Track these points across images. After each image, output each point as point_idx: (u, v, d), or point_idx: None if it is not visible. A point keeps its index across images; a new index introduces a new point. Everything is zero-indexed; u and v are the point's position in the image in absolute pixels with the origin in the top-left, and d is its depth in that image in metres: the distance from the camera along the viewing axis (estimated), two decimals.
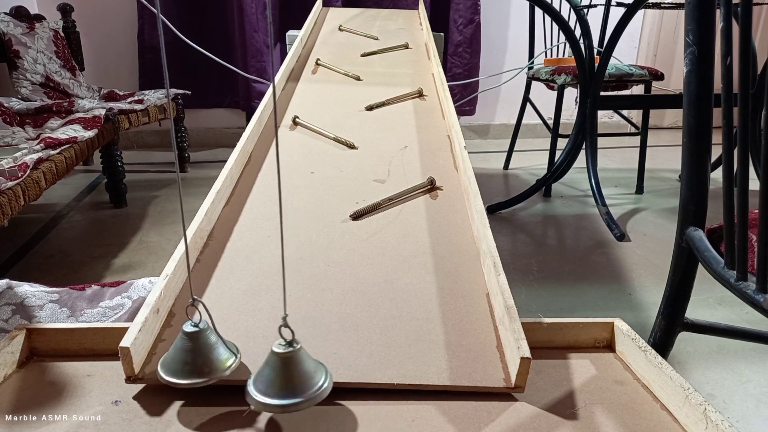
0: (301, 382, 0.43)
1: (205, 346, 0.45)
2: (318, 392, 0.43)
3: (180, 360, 0.44)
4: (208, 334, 0.45)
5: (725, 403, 1.01)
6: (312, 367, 0.44)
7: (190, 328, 0.44)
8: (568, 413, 0.46)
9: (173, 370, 0.44)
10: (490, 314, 0.55)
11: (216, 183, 0.73)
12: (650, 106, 2.25)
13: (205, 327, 0.45)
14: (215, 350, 0.45)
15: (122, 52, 2.72)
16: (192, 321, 0.45)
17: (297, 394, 0.42)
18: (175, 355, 0.45)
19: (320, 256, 0.64)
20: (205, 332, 0.45)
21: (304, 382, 0.43)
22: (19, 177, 1.26)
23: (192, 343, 0.44)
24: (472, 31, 2.88)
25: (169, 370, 0.45)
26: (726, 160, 0.66)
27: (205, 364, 0.44)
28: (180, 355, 0.44)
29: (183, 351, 0.44)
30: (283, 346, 0.43)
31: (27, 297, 0.71)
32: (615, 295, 1.40)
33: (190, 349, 0.44)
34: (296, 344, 0.43)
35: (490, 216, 1.93)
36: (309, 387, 0.43)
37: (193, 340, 0.44)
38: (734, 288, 0.67)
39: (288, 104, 1.09)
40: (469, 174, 0.77)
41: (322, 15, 1.77)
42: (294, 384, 0.42)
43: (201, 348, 0.45)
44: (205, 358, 0.45)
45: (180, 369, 0.44)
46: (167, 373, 0.44)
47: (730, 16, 0.62)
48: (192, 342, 0.44)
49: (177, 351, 0.45)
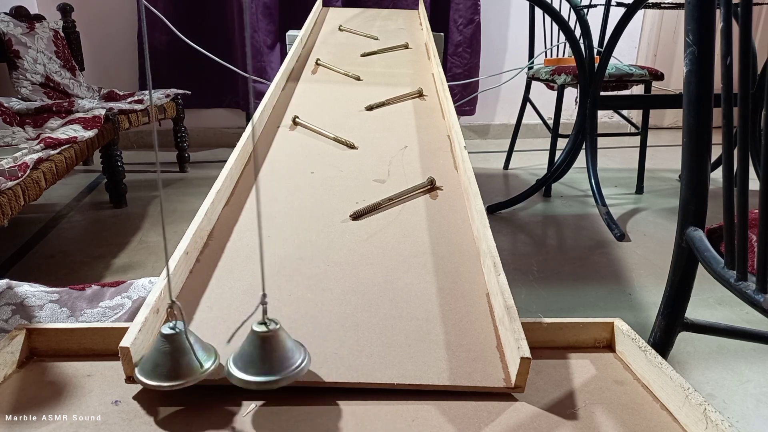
0: (280, 361, 0.44)
1: (182, 349, 0.45)
2: (296, 371, 0.44)
3: (157, 362, 0.44)
4: (186, 337, 0.45)
5: (725, 403, 1.01)
6: (290, 346, 0.45)
7: (168, 330, 0.44)
8: (568, 413, 0.46)
9: (151, 371, 0.44)
10: (490, 314, 0.55)
11: (216, 183, 0.73)
12: (650, 106, 2.25)
13: (182, 330, 0.45)
14: (193, 353, 0.45)
15: (122, 52, 2.72)
16: (170, 323, 0.45)
17: (275, 371, 0.43)
18: (153, 357, 0.45)
19: (320, 256, 0.64)
20: (181, 335, 0.45)
21: (283, 361, 0.44)
22: (19, 177, 1.26)
23: (170, 346, 0.44)
24: (472, 31, 2.88)
25: (146, 372, 0.45)
26: (726, 160, 0.66)
27: (183, 366, 0.44)
28: (158, 357, 0.44)
29: (161, 353, 0.44)
30: (262, 326, 0.44)
31: (27, 297, 0.71)
32: (615, 295, 1.40)
33: (168, 352, 0.44)
34: (275, 324, 0.44)
35: (490, 216, 1.93)
36: (287, 366, 0.44)
37: (171, 342, 0.44)
38: (734, 288, 0.67)
39: (288, 104, 1.09)
40: (469, 174, 0.77)
41: (322, 15, 1.77)
42: (272, 362, 0.44)
43: (177, 351, 0.44)
44: (183, 360, 0.44)
45: (157, 371, 0.44)
46: (145, 375, 0.44)
47: (730, 16, 0.62)
48: (170, 344, 0.44)
49: (155, 353, 0.45)
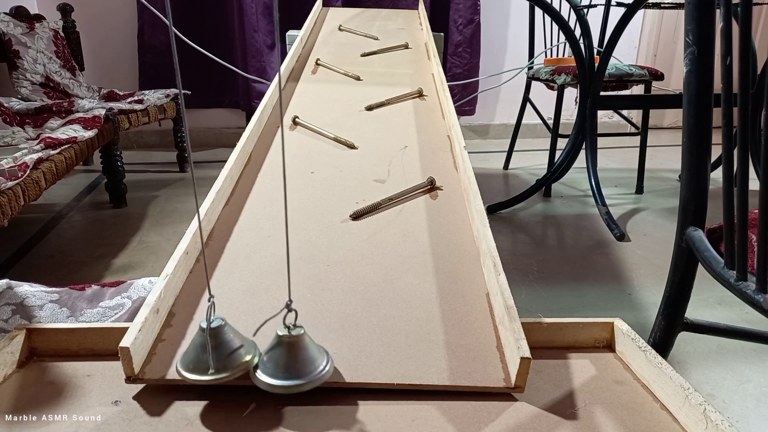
0: (304, 365, 0.45)
1: (226, 342, 0.45)
2: (320, 374, 0.45)
3: (199, 357, 0.45)
4: (227, 330, 0.45)
5: (725, 403, 1.01)
6: (314, 350, 0.46)
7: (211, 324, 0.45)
8: (568, 413, 0.46)
9: (193, 367, 0.45)
10: (490, 314, 0.55)
11: (216, 183, 0.73)
12: (650, 106, 2.25)
13: (222, 323, 0.45)
14: (235, 345, 0.46)
15: (122, 52, 2.72)
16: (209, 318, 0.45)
17: (300, 376, 0.44)
18: (193, 352, 0.45)
19: (320, 256, 0.64)
20: (224, 328, 0.45)
21: (307, 365, 0.45)
22: (19, 177, 1.26)
23: (213, 340, 0.44)
24: (472, 31, 2.88)
25: (188, 367, 0.45)
26: (726, 160, 0.66)
27: (228, 359, 0.45)
28: (199, 352, 0.45)
29: (202, 347, 0.45)
30: (287, 331, 0.45)
31: (27, 297, 0.71)
32: (615, 295, 1.40)
33: (211, 346, 0.44)
34: (300, 328, 0.45)
35: (490, 216, 1.93)
36: (312, 370, 0.45)
37: (213, 336, 0.44)
38: (734, 288, 0.67)
39: (288, 104, 1.09)
40: (469, 174, 0.77)
41: (322, 15, 1.77)
42: (298, 366, 0.45)
43: (221, 344, 0.45)
44: (227, 353, 0.45)
45: (200, 366, 0.44)
46: (187, 370, 0.45)
47: (729, 16, 0.62)
48: (212, 339, 0.44)
49: (195, 348, 0.45)
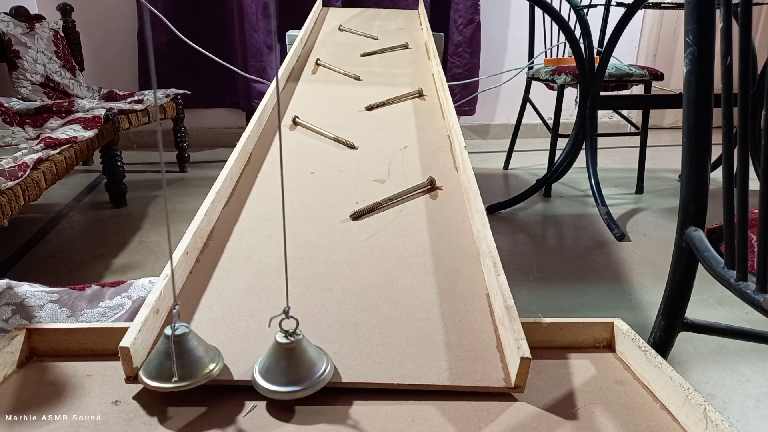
0: (304, 370, 0.45)
1: (188, 350, 0.45)
2: (320, 379, 0.46)
3: (161, 364, 0.44)
4: (191, 338, 0.45)
5: (725, 402, 1.01)
6: (313, 354, 0.47)
7: (170, 332, 0.44)
8: (568, 413, 0.46)
9: (154, 373, 0.44)
10: (490, 314, 0.55)
11: (216, 183, 0.73)
12: (650, 106, 2.25)
13: (187, 331, 0.45)
14: (197, 354, 0.45)
15: (122, 52, 2.72)
16: (173, 325, 0.45)
17: (300, 381, 0.45)
18: (156, 359, 0.45)
19: (320, 256, 0.64)
20: (188, 336, 0.45)
21: (307, 370, 0.45)
22: (19, 177, 1.26)
23: (176, 348, 0.44)
24: (472, 31, 2.88)
25: (149, 374, 0.45)
26: (726, 160, 0.66)
27: (186, 368, 0.44)
28: (161, 358, 0.45)
29: (164, 355, 0.44)
30: (286, 337, 0.45)
31: (27, 297, 0.71)
32: (615, 295, 1.40)
33: (170, 353, 0.44)
34: (298, 335, 0.45)
35: (490, 216, 1.93)
36: (311, 375, 0.45)
37: (176, 344, 0.44)
38: (734, 288, 0.67)
39: (288, 104, 1.09)
40: (469, 174, 0.77)
41: (321, 15, 1.77)
42: (297, 372, 0.45)
43: (184, 352, 0.44)
44: (188, 361, 0.45)
45: (161, 373, 0.44)
46: (150, 377, 0.45)
47: (729, 16, 0.62)
48: (175, 346, 0.44)
49: (159, 355, 0.45)
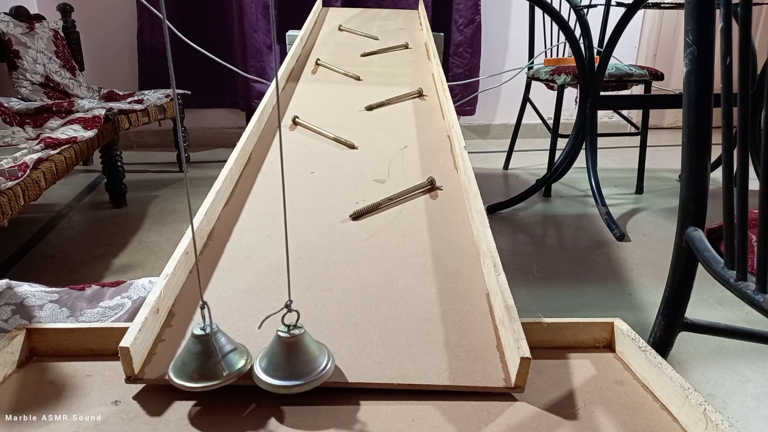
0: (305, 364, 0.45)
1: (218, 349, 0.45)
2: (321, 374, 0.45)
3: (192, 363, 0.44)
4: (219, 337, 0.45)
5: (725, 402, 1.01)
6: (315, 349, 0.47)
7: (199, 331, 0.45)
8: (568, 413, 0.46)
9: (186, 373, 0.44)
10: (490, 314, 0.55)
11: (216, 183, 0.73)
12: (650, 106, 2.25)
13: (216, 330, 0.45)
14: (228, 352, 0.45)
15: (122, 52, 2.72)
16: (201, 324, 0.45)
17: (301, 376, 0.45)
18: (186, 359, 0.45)
19: (320, 256, 0.64)
20: (216, 335, 0.45)
21: (308, 365, 0.45)
22: (18, 177, 1.26)
23: (203, 346, 0.44)
24: (473, 31, 2.88)
25: (182, 374, 0.45)
26: (726, 160, 0.66)
27: (220, 366, 0.44)
28: (192, 358, 0.45)
29: (195, 354, 0.45)
30: (287, 331, 0.45)
31: (27, 297, 0.71)
32: (615, 295, 1.40)
33: (202, 352, 0.44)
34: (300, 328, 0.45)
35: (490, 216, 1.93)
36: (312, 369, 0.45)
37: (204, 343, 0.44)
38: (734, 288, 0.67)
39: (288, 104, 1.09)
40: (469, 174, 0.77)
41: (321, 15, 1.77)
42: (298, 367, 0.45)
43: (213, 350, 0.45)
44: (219, 360, 0.45)
45: (189, 372, 0.44)
46: (178, 376, 0.45)
47: (729, 16, 0.62)
48: (203, 345, 0.44)
49: (189, 354, 0.45)
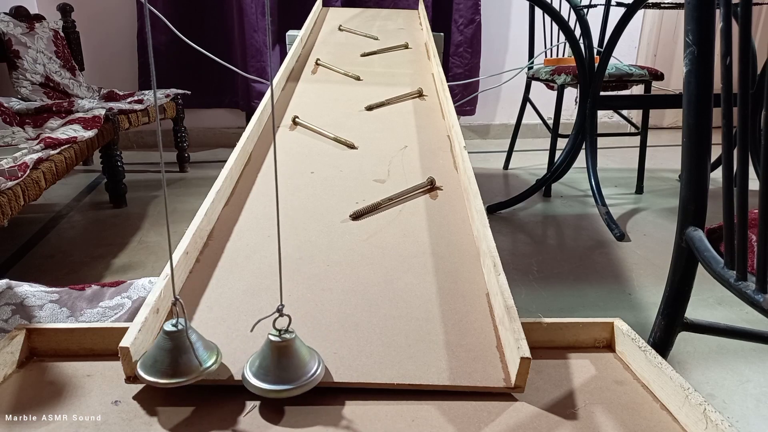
0: (295, 369, 0.45)
1: (183, 347, 0.45)
2: (310, 380, 0.45)
3: (157, 358, 0.44)
4: (189, 334, 0.45)
5: (725, 402, 1.01)
6: (305, 354, 0.47)
7: (171, 327, 0.45)
8: (568, 413, 0.46)
9: (151, 368, 0.44)
10: (490, 314, 0.55)
11: (216, 183, 0.73)
12: (650, 106, 2.25)
13: (185, 327, 0.45)
14: (193, 351, 0.45)
15: (122, 52, 2.72)
16: (172, 321, 0.45)
17: (290, 381, 0.45)
18: (154, 354, 0.45)
19: (320, 256, 0.64)
20: (185, 332, 0.45)
21: (298, 370, 0.45)
22: (18, 177, 1.26)
23: (173, 343, 0.44)
24: (473, 31, 2.88)
25: (146, 368, 0.45)
26: (725, 160, 0.66)
27: (182, 364, 0.44)
28: (159, 354, 0.45)
29: (162, 350, 0.45)
30: (278, 335, 0.45)
31: (27, 297, 0.71)
32: (615, 295, 1.40)
33: (170, 349, 0.44)
34: (291, 333, 0.45)
35: (490, 216, 1.93)
36: (302, 374, 0.45)
37: (174, 339, 0.44)
38: (734, 288, 0.67)
39: (288, 104, 1.09)
40: (469, 174, 0.77)
41: (321, 15, 1.77)
42: (288, 371, 0.45)
43: (181, 348, 0.45)
44: (183, 358, 0.45)
45: (157, 367, 0.44)
46: (147, 373, 0.45)
47: (729, 16, 0.62)
48: (173, 342, 0.44)
49: (158, 350, 0.45)
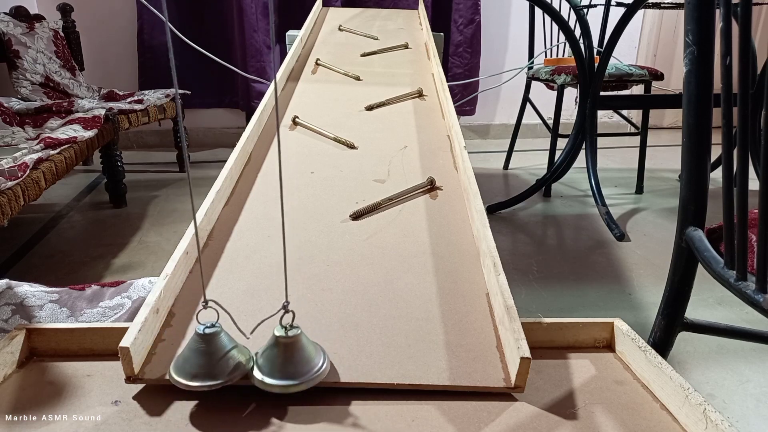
0: (301, 365, 0.45)
1: (221, 349, 0.45)
2: (316, 374, 0.45)
3: (196, 362, 0.44)
4: (222, 336, 0.45)
5: (725, 402, 1.01)
6: (311, 350, 0.47)
7: (206, 329, 0.44)
8: (568, 413, 0.46)
9: (190, 373, 0.44)
10: (490, 314, 0.55)
11: (216, 183, 0.73)
12: (650, 106, 2.25)
13: (219, 329, 0.45)
14: (231, 352, 0.45)
15: (122, 52, 2.72)
16: (206, 323, 0.45)
17: (297, 376, 0.45)
18: (190, 357, 0.45)
19: (320, 256, 0.64)
20: (220, 334, 0.45)
21: (304, 365, 0.45)
22: (18, 177, 1.26)
23: (207, 346, 0.44)
24: (473, 31, 2.88)
25: (183, 373, 0.44)
26: (725, 160, 0.66)
27: (223, 365, 0.44)
28: (196, 357, 0.44)
29: (198, 353, 0.44)
30: (284, 331, 0.45)
31: (27, 297, 0.71)
32: (615, 295, 1.40)
33: (205, 351, 0.44)
34: (296, 329, 0.46)
35: (490, 216, 1.93)
36: (308, 370, 0.45)
37: (208, 342, 0.44)
38: (734, 288, 0.67)
39: (288, 104, 1.09)
40: (469, 174, 0.77)
41: (321, 15, 1.77)
42: (294, 367, 0.45)
43: (217, 350, 0.44)
44: (222, 360, 0.44)
45: (196, 372, 0.44)
46: (183, 377, 0.44)
47: (729, 16, 0.62)
48: (207, 344, 0.44)
49: (192, 353, 0.45)
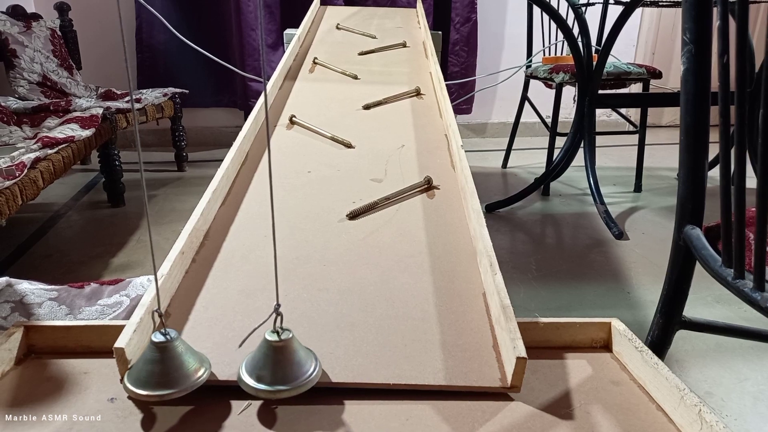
0: (292, 369, 0.45)
1: (174, 357, 0.44)
2: (307, 380, 0.45)
3: (149, 371, 0.44)
4: (177, 345, 0.44)
5: (723, 401, 1.01)
6: (302, 355, 0.46)
7: (159, 338, 0.44)
8: (564, 413, 0.46)
9: (143, 381, 0.44)
10: (487, 314, 0.55)
11: (212, 182, 0.73)
12: (648, 104, 2.25)
13: (175, 337, 0.44)
14: (185, 361, 0.44)
15: (119, 51, 2.72)
16: (160, 331, 0.44)
17: (287, 381, 0.44)
18: (143, 367, 0.44)
19: (316, 255, 0.64)
20: (174, 343, 0.44)
21: (294, 371, 0.45)
22: (16, 176, 1.26)
23: (161, 354, 0.44)
24: (469, 30, 2.88)
25: (138, 382, 0.44)
26: (723, 158, 0.66)
27: (176, 375, 0.44)
28: (149, 366, 0.44)
29: (152, 362, 0.44)
30: (275, 335, 0.45)
31: (26, 295, 0.71)
32: (613, 294, 1.40)
33: (159, 360, 0.43)
34: (288, 333, 0.45)
35: (488, 215, 1.93)
36: (299, 375, 0.45)
37: (162, 351, 0.44)
38: (731, 286, 0.67)
39: (285, 103, 1.09)
40: (466, 173, 0.76)
41: (319, 13, 1.77)
42: (285, 372, 0.44)
43: (170, 359, 0.44)
44: (175, 369, 0.44)
45: (149, 380, 0.43)
46: (136, 385, 0.44)
47: (726, 15, 0.62)
48: (161, 353, 0.44)
49: (146, 363, 0.44)
